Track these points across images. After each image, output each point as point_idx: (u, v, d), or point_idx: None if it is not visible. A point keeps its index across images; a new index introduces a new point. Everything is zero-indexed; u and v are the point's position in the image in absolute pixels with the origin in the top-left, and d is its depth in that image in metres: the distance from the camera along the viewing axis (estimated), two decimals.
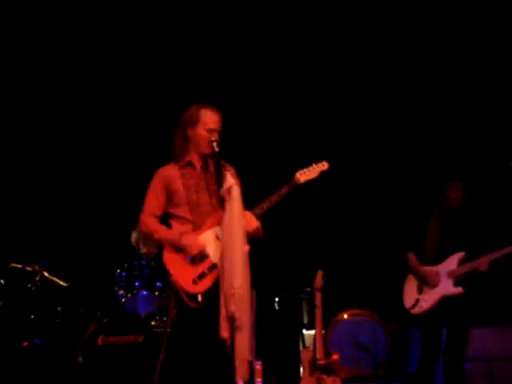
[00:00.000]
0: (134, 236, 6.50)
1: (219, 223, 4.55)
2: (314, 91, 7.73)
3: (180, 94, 7.12)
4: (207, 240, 4.62)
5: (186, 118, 4.78)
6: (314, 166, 4.89)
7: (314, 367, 5.88)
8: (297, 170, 4.85)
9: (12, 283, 6.42)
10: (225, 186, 4.49)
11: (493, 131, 7.50)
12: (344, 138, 7.80)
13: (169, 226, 4.76)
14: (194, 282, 4.56)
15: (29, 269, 6.20)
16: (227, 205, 4.46)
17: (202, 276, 4.57)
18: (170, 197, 4.74)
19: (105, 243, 6.87)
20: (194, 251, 4.58)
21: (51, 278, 6.36)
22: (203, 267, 4.59)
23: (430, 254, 5.87)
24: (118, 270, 6.40)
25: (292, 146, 7.57)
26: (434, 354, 5.78)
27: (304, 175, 4.84)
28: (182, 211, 4.71)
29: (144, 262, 6.34)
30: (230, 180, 4.50)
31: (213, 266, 4.57)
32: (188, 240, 4.59)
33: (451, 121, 7.65)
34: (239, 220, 4.43)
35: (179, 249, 4.61)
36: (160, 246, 5.13)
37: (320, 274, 6.13)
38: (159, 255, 5.09)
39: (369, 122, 7.81)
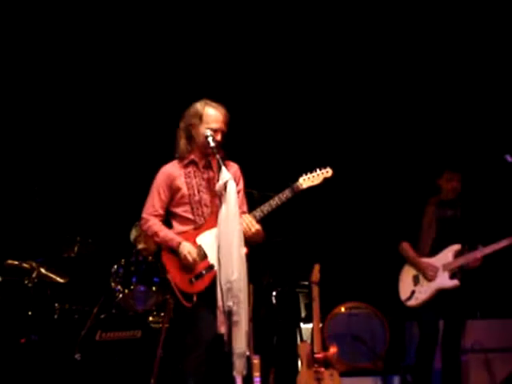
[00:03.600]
0: (133, 233, 6.52)
1: None
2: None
3: (186, 92, 7.10)
4: (206, 240, 4.61)
5: (189, 115, 4.75)
6: (318, 172, 4.84)
7: (312, 361, 5.89)
8: (300, 175, 4.82)
9: (9, 280, 6.42)
10: (221, 181, 4.47)
11: (488, 123, 7.50)
12: (340, 131, 7.80)
13: (170, 224, 4.75)
14: (191, 281, 4.57)
15: (25, 265, 6.20)
16: (223, 199, 4.45)
17: (198, 276, 4.58)
18: (172, 195, 4.72)
19: (102, 239, 6.86)
20: (189, 261, 4.58)
21: (48, 274, 6.36)
22: (201, 267, 4.60)
23: (426, 246, 5.86)
24: (115, 266, 6.39)
25: (294, 143, 7.59)
26: (431, 346, 5.79)
27: (307, 181, 4.78)
28: (183, 210, 4.70)
29: (141, 258, 6.34)
30: (226, 174, 4.48)
31: (210, 267, 4.57)
32: (184, 249, 4.59)
33: (447, 112, 7.65)
34: (235, 214, 4.41)
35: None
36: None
37: (317, 267, 6.13)
38: (157, 251, 5.09)
39: (365, 113, 7.81)
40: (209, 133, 4.63)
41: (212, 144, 4.61)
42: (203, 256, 4.61)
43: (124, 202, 7.10)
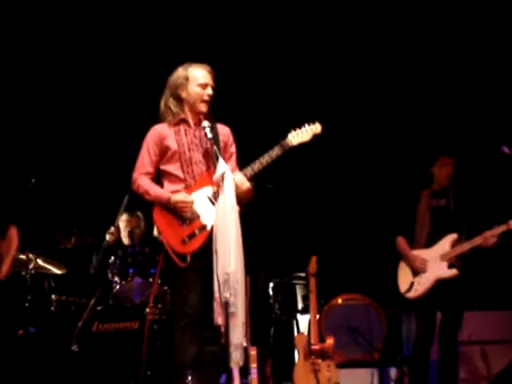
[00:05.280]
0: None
1: (211, 183, 4.55)
2: (311, 60, 7.73)
3: (169, 54, 7.06)
4: (198, 200, 4.58)
5: (175, 79, 4.72)
6: (306, 127, 4.74)
7: (309, 352, 5.90)
8: (289, 131, 4.75)
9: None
10: (218, 172, 4.47)
11: (482, 112, 7.51)
12: (337, 124, 7.78)
13: (161, 184, 4.71)
14: (184, 241, 4.54)
15: (22, 257, 6.20)
16: (220, 191, 4.45)
17: (191, 236, 4.54)
18: (162, 154, 4.69)
19: (99, 231, 6.86)
20: (185, 210, 4.55)
21: (45, 265, 6.36)
22: (193, 227, 4.55)
23: (421, 237, 5.86)
24: (112, 257, 6.40)
25: (287, 107, 7.54)
26: (428, 338, 5.80)
27: (297, 137, 4.68)
28: (174, 168, 4.67)
29: (138, 249, 6.35)
30: (224, 165, 4.49)
31: (203, 227, 4.54)
32: (178, 198, 4.55)
33: (441, 103, 7.65)
34: (233, 206, 4.42)
35: (171, 209, 4.58)
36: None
37: (314, 259, 6.14)
38: (151, 240, 5.09)
39: (359, 107, 7.81)
40: (206, 124, 4.63)
41: (209, 135, 4.61)
42: (195, 216, 4.58)
43: (121, 194, 7.10)
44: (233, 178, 4.48)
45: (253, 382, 4.93)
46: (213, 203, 4.54)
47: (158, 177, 4.75)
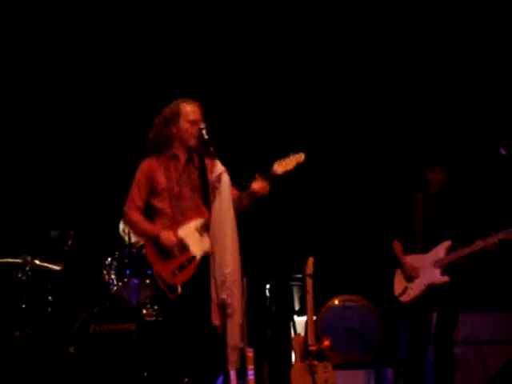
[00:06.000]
0: (121, 226, 6.54)
1: (200, 216, 4.65)
2: (292, 76, 7.73)
3: (160, 89, 7.10)
4: (187, 232, 4.66)
5: (166, 114, 4.82)
6: (291, 157, 4.80)
7: (306, 353, 5.91)
8: (275, 161, 4.80)
9: (3, 273, 6.41)
10: (215, 173, 4.49)
11: (478, 116, 7.52)
12: (335, 128, 7.80)
13: (151, 218, 4.80)
14: (174, 273, 4.63)
15: (18, 261, 6.18)
16: (217, 192, 4.47)
17: (181, 268, 4.64)
18: (152, 189, 4.78)
19: (96, 232, 6.86)
20: (170, 247, 4.64)
21: (43, 264, 6.34)
22: (182, 259, 4.65)
23: (417, 242, 5.87)
24: (109, 259, 6.39)
25: (273, 135, 7.56)
26: (424, 339, 5.81)
27: (281, 166, 4.75)
28: (162, 204, 4.76)
29: (134, 251, 6.34)
30: (220, 167, 4.50)
31: (192, 258, 4.64)
32: (164, 235, 4.65)
33: (437, 107, 7.66)
34: (229, 207, 4.43)
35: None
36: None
37: (311, 260, 6.14)
38: None
39: (353, 110, 7.81)
40: (202, 125, 4.66)
41: (206, 137, 4.64)
42: (184, 248, 4.64)
43: (118, 195, 7.09)
44: (229, 179, 4.49)
45: (250, 383, 4.92)
46: (201, 235, 4.65)
47: (149, 211, 4.83)
